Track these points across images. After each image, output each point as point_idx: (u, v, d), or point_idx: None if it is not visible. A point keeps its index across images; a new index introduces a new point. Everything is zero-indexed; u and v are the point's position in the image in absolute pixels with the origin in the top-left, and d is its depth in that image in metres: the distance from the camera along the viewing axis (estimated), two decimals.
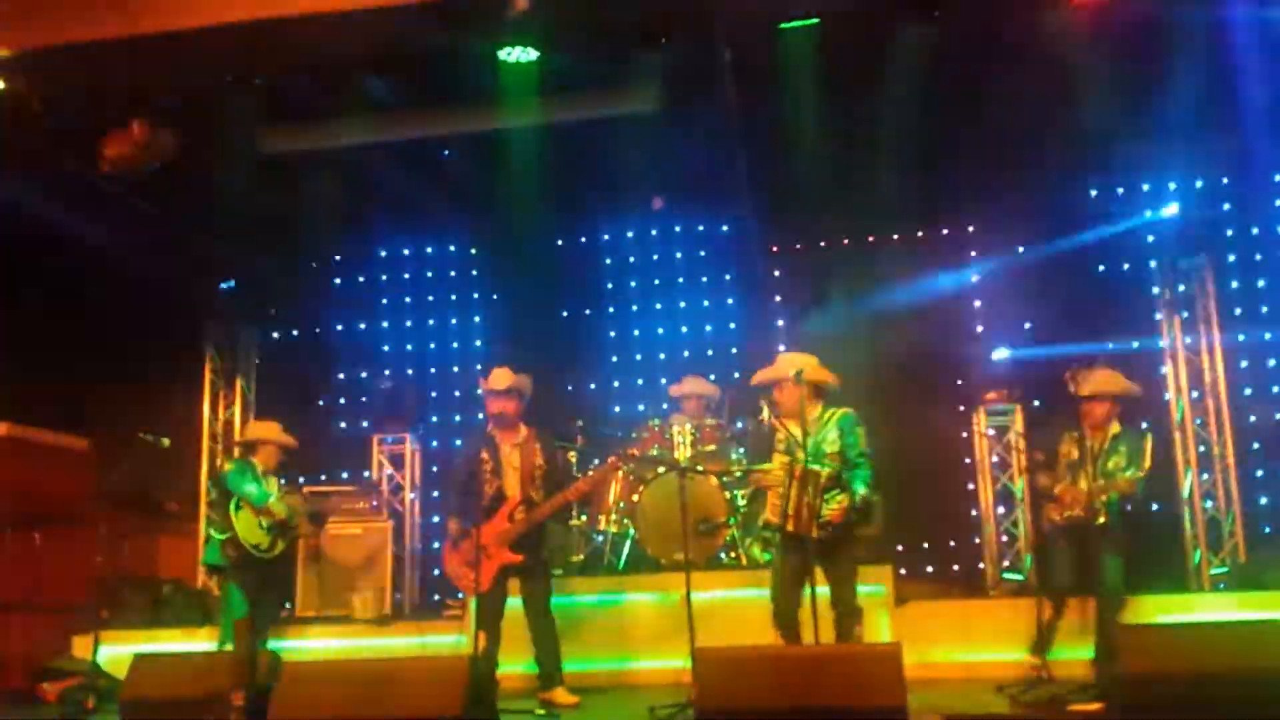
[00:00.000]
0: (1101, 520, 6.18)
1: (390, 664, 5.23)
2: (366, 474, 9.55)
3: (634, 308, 10.35)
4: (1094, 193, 9.45)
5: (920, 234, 9.71)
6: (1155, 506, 8.85)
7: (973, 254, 9.67)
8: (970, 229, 9.68)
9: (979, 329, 9.47)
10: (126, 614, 8.28)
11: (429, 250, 10.71)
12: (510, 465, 6.48)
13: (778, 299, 10.01)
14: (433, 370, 10.48)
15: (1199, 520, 8.30)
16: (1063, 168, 8.83)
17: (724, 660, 4.60)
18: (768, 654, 4.98)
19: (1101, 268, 9.33)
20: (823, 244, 9.89)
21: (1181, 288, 8.69)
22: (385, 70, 7.46)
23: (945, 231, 9.73)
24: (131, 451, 7.28)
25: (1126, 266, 9.28)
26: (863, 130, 8.00)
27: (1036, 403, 8.60)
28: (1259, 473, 8.69)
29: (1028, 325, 9.25)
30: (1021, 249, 9.47)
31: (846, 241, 9.83)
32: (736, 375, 9.42)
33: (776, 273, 10.07)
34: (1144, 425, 6.59)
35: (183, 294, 9.30)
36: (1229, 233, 9.13)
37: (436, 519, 9.49)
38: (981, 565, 8.70)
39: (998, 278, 9.44)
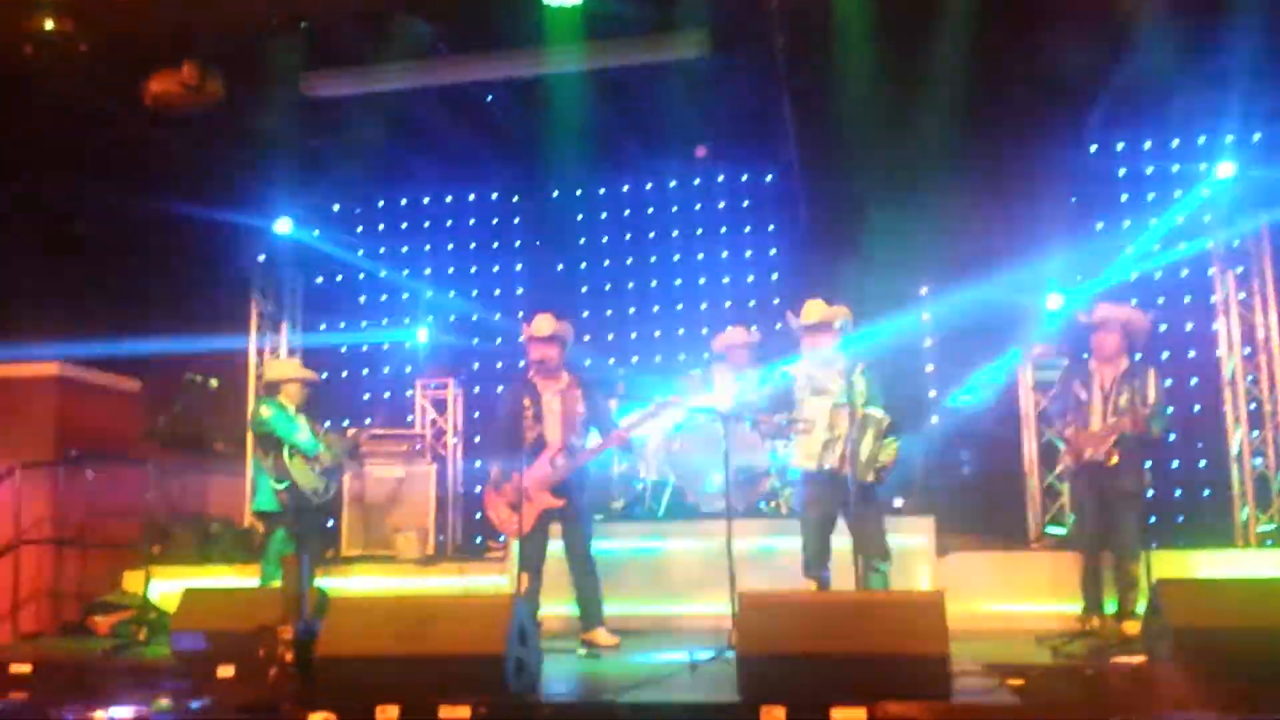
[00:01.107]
0: (1114, 461, 6.09)
1: (436, 601, 5.32)
2: (410, 418, 9.65)
3: (675, 257, 10.30)
4: (1148, 144, 9.29)
5: (967, 183, 9.54)
6: (1203, 463, 8.82)
7: (1022, 206, 9.50)
8: (1020, 180, 9.51)
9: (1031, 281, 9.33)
10: (176, 550, 8.47)
11: (471, 197, 10.69)
12: (551, 411, 6.50)
13: (821, 248, 9.91)
14: (475, 317, 10.51)
15: (1247, 477, 8.18)
16: (1116, 121, 8.64)
17: (767, 604, 4.62)
18: (810, 599, 5.01)
19: (1155, 220, 9.15)
20: (867, 193, 9.76)
21: (1236, 242, 8.50)
22: (428, 14, 7.42)
23: (993, 183, 9.56)
24: (181, 392, 7.36)
25: (1180, 220, 9.09)
26: (913, 78, 7.86)
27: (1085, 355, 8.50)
28: None
29: (1079, 278, 9.10)
30: (1074, 199, 9.30)
31: (892, 190, 9.70)
32: (778, 326, 9.37)
33: (820, 222, 9.95)
34: (1150, 364, 6.43)
35: (230, 238, 9.36)
36: None
37: (479, 463, 9.57)
38: (1025, 518, 8.65)
39: (1045, 229, 9.29)
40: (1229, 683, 4.29)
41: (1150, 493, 6.50)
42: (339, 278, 10.58)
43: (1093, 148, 9.30)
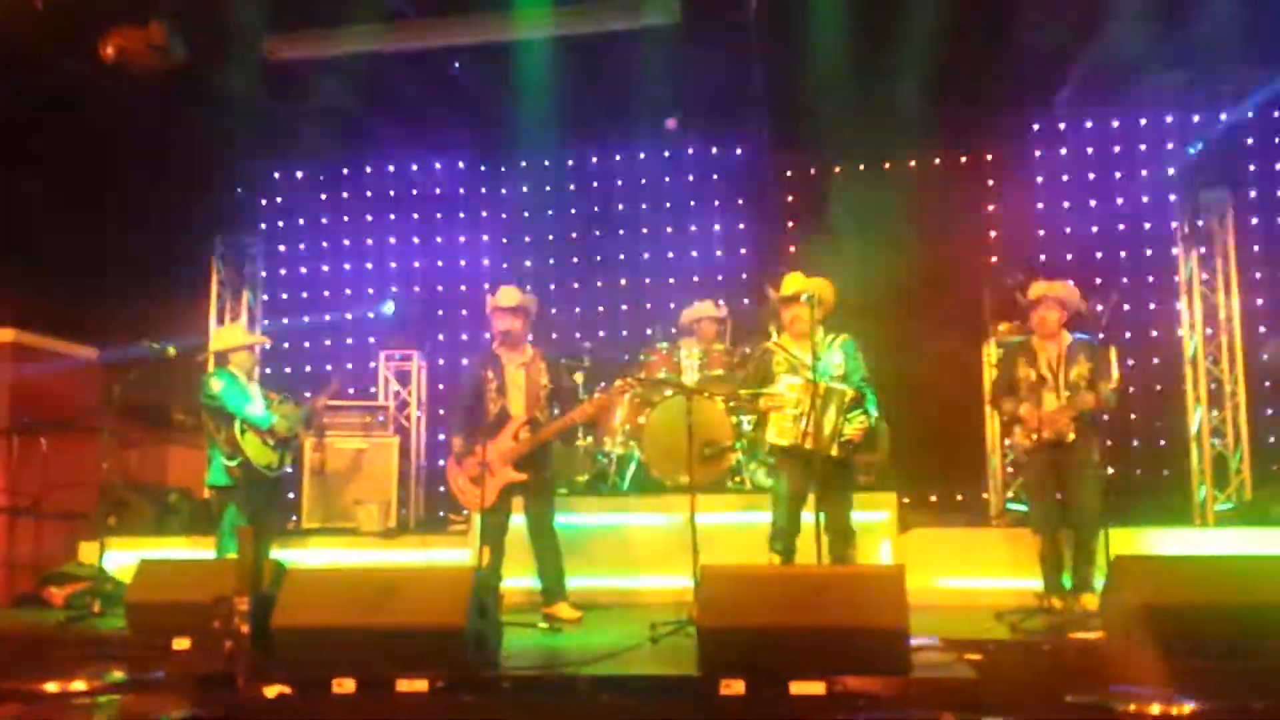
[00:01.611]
0: (1071, 438, 6.13)
1: (395, 573, 5.25)
2: (373, 389, 9.56)
3: (644, 230, 10.24)
4: (1116, 123, 9.32)
5: (937, 160, 9.56)
6: (1162, 442, 8.90)
7: (990, 183, 9.54)
8: (989, 157, 9.54)
9: (993, 259, 9.37)
10: (133, 521, 8.35)
11: (437, 166, 10.57)
12: (515, 385, 6.46)
13: (790, 224, 9.89)
14: (440, 288, 10.41)
15: (1206, 456, 8.27)
16: (1084, 99, 8.65)
17: (727, 578, 4.60)
18: (770, 573, 4.99)
19: (1120, 200, 9.20)
20: (837, 169, 9.75)
21: (1201, 222, 8.55)
22: None
23: (963, 159, 9.58)
24: (138, 361, 7.22)
25: (1146, 199, 9.15)
26: (883, 52, 7.82)
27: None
28: (1269, 411, 8.65)
29: (1043, 258, 9.14)
30: (1040, 179, 9.34)
31: (862, 166, 9.69)
32: (746, 301, 9.36)
33: (789, 197, 9.94)
34: (1099, 337, 6.44)
35: (190, 204, 9.20)
36: (1251, 168, 8.98)
37: (442, 436, 9.51)
38: (986, 495, 8.71)
39: (1013, 208, 9.33)
40: (1186, 659, 4.33)
41: (1108, 470, 6.51)
42: (301, 245, 10.45)
43: (1060, 125, 9.33)
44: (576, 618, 6.25)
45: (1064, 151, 9.35)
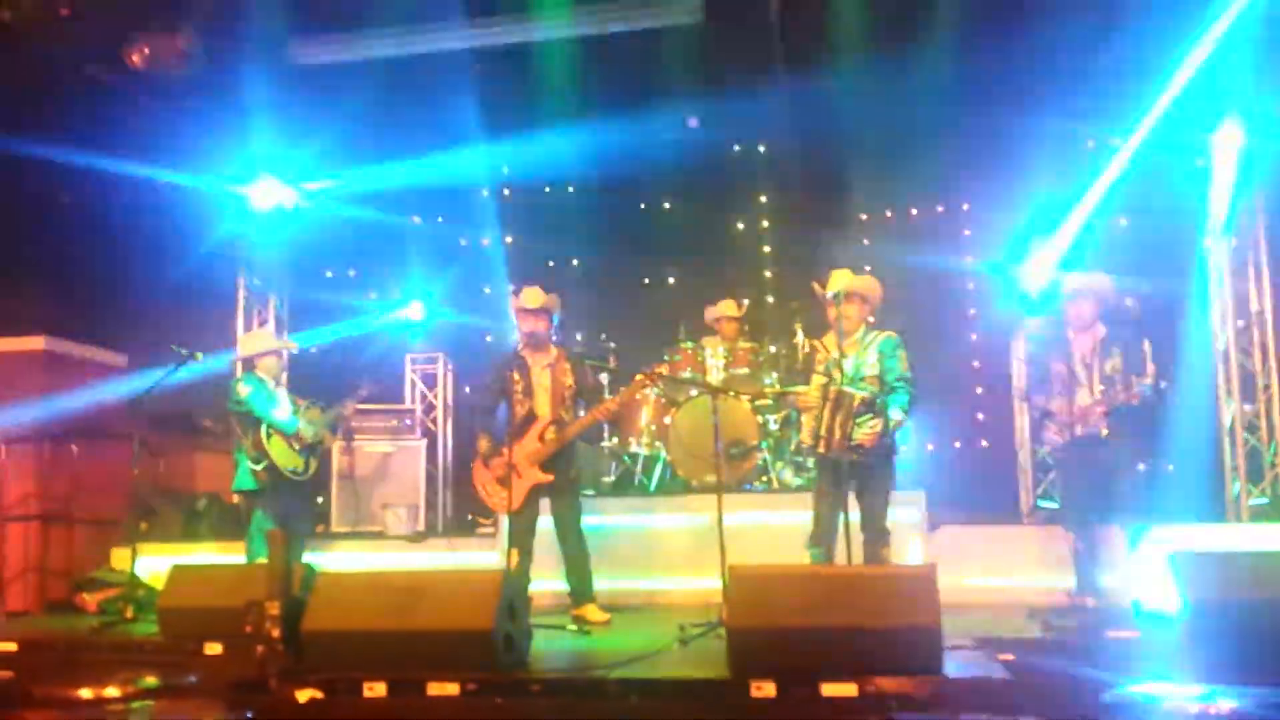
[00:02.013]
0: (1105, 433, 6.03)
1: (423, 576, 5.25)
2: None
3: (667, 228, 10.21)
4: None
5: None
6: (1194, 437, 8.77)
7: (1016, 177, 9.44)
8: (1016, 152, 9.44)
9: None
10: (163, 527, 8.40)
11: (459, 164, 10.55)
12: (541, 386, 6.46)
13: (811, 222, 9.83)
14: (465, 291, 10.40)
15: (1240, 451, 8.16)
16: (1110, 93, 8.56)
17: (756, 578, 4.57)
18: (800, 573, 4.94)
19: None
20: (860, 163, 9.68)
21: (1231, 214, 8.43)
22: None
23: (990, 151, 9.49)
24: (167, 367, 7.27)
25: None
26: (906, 46, 7.78)
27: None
28: None
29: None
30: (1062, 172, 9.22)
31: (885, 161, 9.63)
32: (770, 299, 9.32)
33: (810, 195, 9.87)
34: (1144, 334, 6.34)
35: (216, 210, 9.24)
36: None
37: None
38: (1016, 493, 8.64)
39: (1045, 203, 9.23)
40: (1239, 653, 4.26)
41: (1141, 465, 6.42)
42: (328, 250, 10.46)
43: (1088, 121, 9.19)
44: (605, 620, 6.24)
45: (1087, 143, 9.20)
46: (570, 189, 10.22)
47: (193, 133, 8.53)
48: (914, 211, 9.70)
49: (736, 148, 10.16)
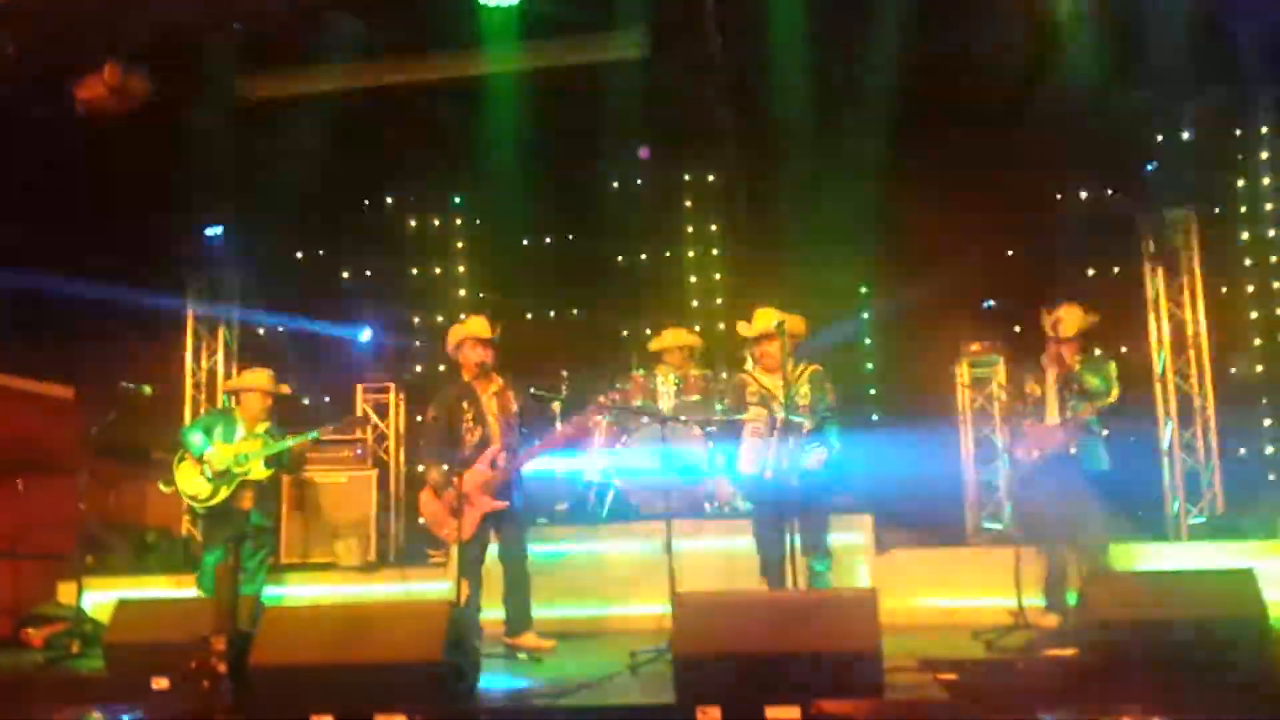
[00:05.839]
0: (1073, 451, 6.20)
1: (370, 608, 5.28)
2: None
3: (619, 258, 10.31)
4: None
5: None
6: (1134, 458, 8.97)
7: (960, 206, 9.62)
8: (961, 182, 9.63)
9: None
10: (111, 561, 8.30)
11: (411, 199, 10.61)
12: (491, 413, 6.48)
13: (762, 250, 9.97)
14: (416, 320, 10.42)
15: (1178, 471, 8.36)
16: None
17: (702, 605, 4.64)
18: (745, 599, 5.02)
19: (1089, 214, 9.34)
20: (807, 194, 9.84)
21: (1165, 241, 8.67)
22: (364, 15, 7.37)
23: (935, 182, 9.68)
24: (116, 400, 7.23)
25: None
26: (850, 77, 7.95)
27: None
28: (1238, 425, 8.74)
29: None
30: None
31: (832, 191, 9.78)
32: (721, 326, 9.42)
33: (763, 224, 10.02)
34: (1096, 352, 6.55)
35: (164, 242, 9.20)
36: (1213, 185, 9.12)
37: (421, 468, 9.48)
38: (961, 514, 8.75)
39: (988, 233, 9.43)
40: (1155, 675, 4.39)
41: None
42: (277, 282, 10.44)
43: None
44: (551, 646, 6.25)
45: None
46: (521, 219, 10.28)
47: (142, 167, 8.48)
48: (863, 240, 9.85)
49: (687, 177, 10.30)
